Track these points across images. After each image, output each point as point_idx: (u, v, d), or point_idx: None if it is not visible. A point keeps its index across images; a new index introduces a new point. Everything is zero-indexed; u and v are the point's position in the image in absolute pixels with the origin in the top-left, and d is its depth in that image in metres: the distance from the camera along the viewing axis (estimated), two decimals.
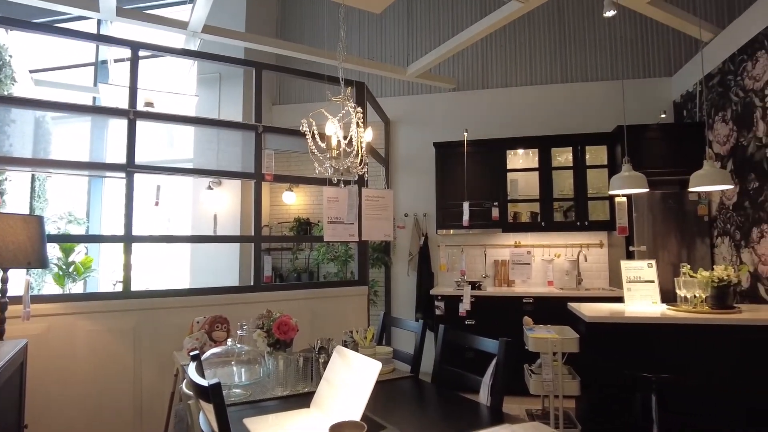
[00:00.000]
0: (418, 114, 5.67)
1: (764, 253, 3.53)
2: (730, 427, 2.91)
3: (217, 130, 5.40)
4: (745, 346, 2.90)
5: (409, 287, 5.48)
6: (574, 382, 3.16)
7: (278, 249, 5.87)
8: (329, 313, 3.85)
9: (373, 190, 3.19)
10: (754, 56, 3.66)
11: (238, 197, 5.43)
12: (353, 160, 2.18)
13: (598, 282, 5.11)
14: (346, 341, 2.50)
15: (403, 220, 5.55)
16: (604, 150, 4.91)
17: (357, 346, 2.32)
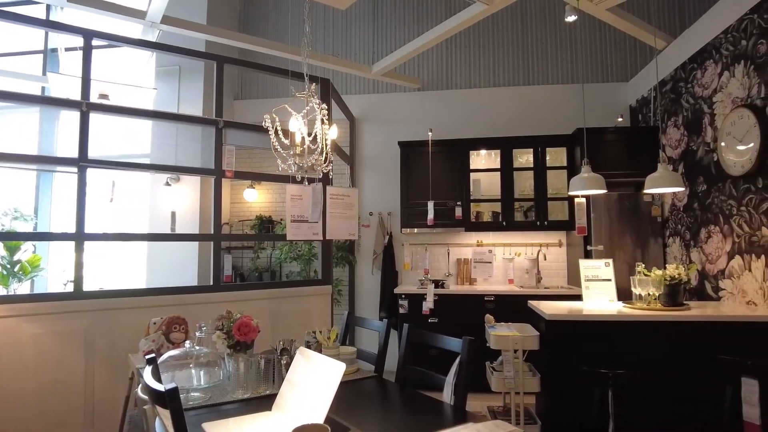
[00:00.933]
0: (383, 112, 5.67)
1: (711, 253, 3.71)
2: (681, 420, 3.03)
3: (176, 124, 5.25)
4: (694, 341, 3.03)
5: (374, 286, 5.47)
6: (534, 378, 3.22)
7: (239, 248, 5.75)
8: (292, 313, 3.79)
9: (337, 188, 3.15)
10: (703, 65, 3.83)
11: (197, 194, 5.28)
12: (317, 157, 2.15)
13: (557, 280, 5.24)
14: (309, 342, 2.46)
15: (367, 218, 5.54)
16: (564, 152, 5.04)
17: (320, 346, 2.29)
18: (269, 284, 3.98)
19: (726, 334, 3.00)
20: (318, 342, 2.31)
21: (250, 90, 6.10)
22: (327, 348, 2.21)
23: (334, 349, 2.21)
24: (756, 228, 3.18)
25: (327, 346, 2.22)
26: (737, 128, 3.29)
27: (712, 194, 3.67)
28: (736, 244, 3.39)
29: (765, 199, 3.09)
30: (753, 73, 3.23)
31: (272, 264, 5.59)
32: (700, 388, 3.02)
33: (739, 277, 3.37)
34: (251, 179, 5.33)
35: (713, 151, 3.65)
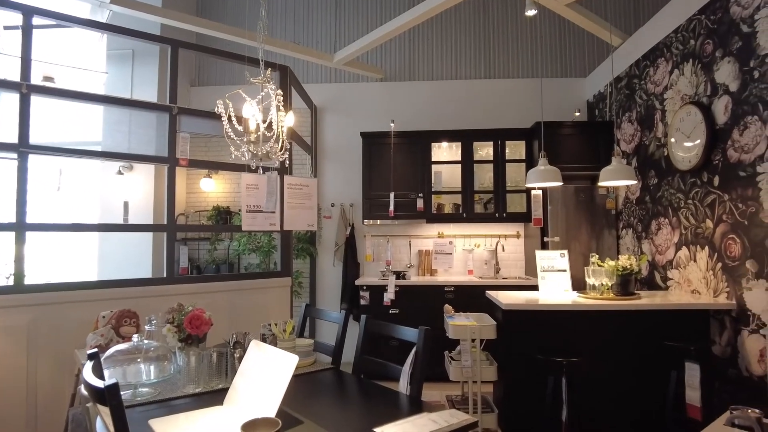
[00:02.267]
0: (346, 102, 5.60)
1: (660, 244, 3.85)
2: (629, 404, 3.15)
3: (129, 111, 5.02)
4: (644, 329, 3.15)
5: (335, 278, 5.43)
6: (491, 367, 3.27)
7: (195, 239, 5.58)
8: (250, 305, 3.71)
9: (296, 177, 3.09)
10: (656, 62, 3.95)
11: (151, 184, 5.09)
12: (273, 145, 2.09)
13: (515, 271, 5.35)
14: (264, 335, 2.41)
15: (329, 210, 5.48)
16: (523, 145, 5.12)
17: (276, 339, 2.25)
18: (226, 276, 3.88)
19: (672, 322, 3.13)
20: (274, 335, 2.27)
21: (207, 76, 5.91)
22: (283, 341, 2.17)
23: (290, 341, 2.18)
24: (701, 220, 3.32)
25: (283, 338, 2.18)
26: (685, 124, 3.41)
27: (663, 188, 3.81)
28: (683, 235, 3.53)
29: (709, 193, 3.22)
30: (700, 71, 3.35)
31: (230, 256, 5.46)
32: (648, 374, 3.14)
33: (685, 267, 3.51)
34: (207, 168, 5.17)
35: (664, 146, 3.78)
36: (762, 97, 2.77)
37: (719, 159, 3.13)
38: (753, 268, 2.83)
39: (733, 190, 3.00)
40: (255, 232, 4.96)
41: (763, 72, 2.77)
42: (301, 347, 2.30)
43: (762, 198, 2.76)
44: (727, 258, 3.05)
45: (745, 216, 2.90)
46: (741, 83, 2.95)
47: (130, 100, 3.83)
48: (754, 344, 2.83)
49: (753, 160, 2.83)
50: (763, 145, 2.76)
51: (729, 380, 3.02)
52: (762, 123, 2.77)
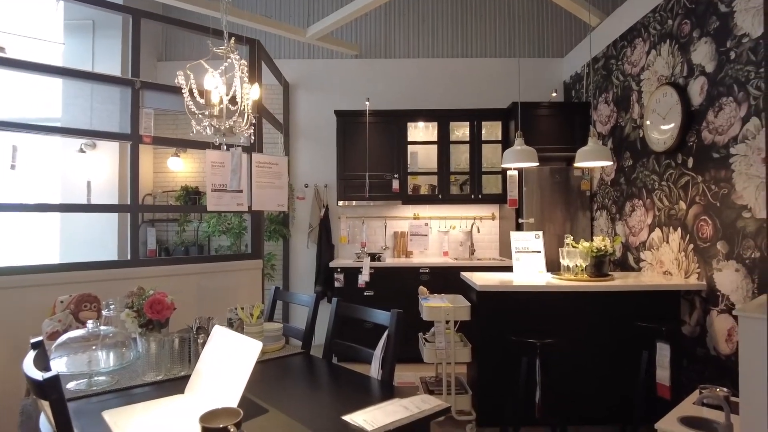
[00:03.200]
0: (319, 79, 5.44)
1: (634, 226, 3.87)
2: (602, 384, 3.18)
3: (90, 85, 4.77)
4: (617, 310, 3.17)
5: (309, 260, 5.33)
6: (465, 349, 3.25)
7: (163, 220, 5.40)
8: (220, 288, 3.60)
9: (264, 155, 2.95)
10: (633, 43, 3.91)
11: (115, 162, 4.87)
12: (237, 119, 1.96)
13: (490, 252, 5.34)
14: (231, 319, 2.31)
15: (303, 191, 5.35)
16: (499, 126, 5.06)
17: (243, 324, 2.15)
18: (195, 259, 3.74)
19: (644, 303, 3.15)
20: (240, 319, 2.17)
21: (175, 51, 5.65)
22: (250, 325, 2.08)
23: (258, 326, 2.09)
24: (675, 202, 3.32)
25: (250, 323, 2.09)
26: (661, 105, 3.40)
27: (638, 169, 3.81)
28: (656, 217, 3.55)
29: (684, 175, 3.23)
30: (677, 52, 3.32)
31: (200, 238, 5.30)
32: (621, 354, 3.17)
33: (658, 248, 3.53)
34: (173, 146, 4.95)
35: (639, 128, 3.77)
36: (737, 78, 2.75)
37: (694, 140, 3.12)
38: (723, 249, 2.85)
39: (707, 171, 3.00)
40: (225, 213, 4.81)
41: (739, 53, 2.75)
42: (269, 331, 2.21)
43: (734, 179, 2.77)
44: (699, 239, 3.07)
45: (717, 197, 2.91)
46: (717, 64, 2.93)
47: (88, 72, 3.60)
48: (722, 324, 2.86)
49: (727, 141, 2.83)
50: (737, 127, 2.75)
51: (697, 359, 3.07)
52: (737, 104, 2.76)
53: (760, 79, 2.59)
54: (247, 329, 2.07)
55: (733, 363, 2.77)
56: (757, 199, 2.61)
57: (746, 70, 2.69)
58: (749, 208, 2.66)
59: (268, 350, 2.18)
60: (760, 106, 2.58)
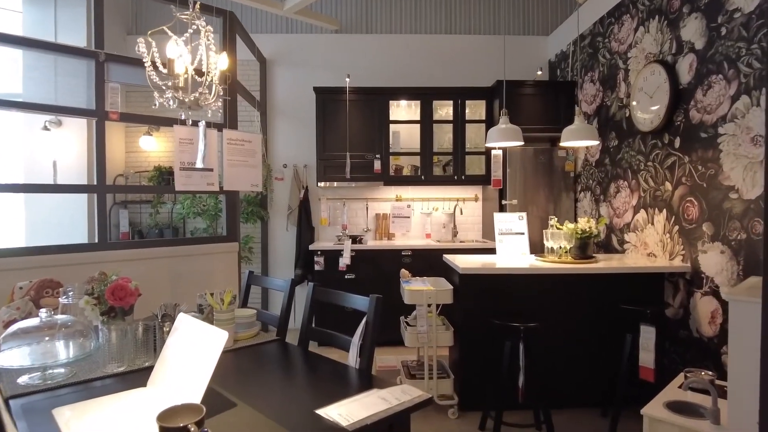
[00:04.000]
0: (298, 55, 5.23)
1: (618, 207, 3.82)
2: (585, 367, 3.14)
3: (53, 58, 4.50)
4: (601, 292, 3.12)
5: (288, 242, 5.20)
6: (447, 332, 3.18)
7: (137, 201, 5.20)
8: (195, 272, 3.46)
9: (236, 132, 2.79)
10: (620, 19, 3.81)
11: (84, 141, 4.63)
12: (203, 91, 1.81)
13: (472, 234, 5.27)
14: (201, 305, 2.19)
15: (281, 171, 5.18)
16: (483, 105, 4.95)
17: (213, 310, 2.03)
18: (167, 242, 3.57)
19: (629, 285, 3.10)
20: (211, 306, 2.04)
21: (146, 24, 5.37)
22: (220, 312, 1.95)
23: (229, 313, 1.96)
24: (660, 183, 3.27)
25: (220, 309, 1.97)
26: (649, 84, 3.31)
27: (623, 150, 3.74)
28: (641, 198, 3.49)
29: (670, 155, 3.16)
30: (666, 28, 3.23)
31: (174, 220, 5.12)
32: (605, 337, 3.13)
33: (642, 230, 3.49)
34: (139, 122, 4.71)
35: (626, 107, 3.69)
36: (728, 55, 2.67)
37: (681, 120, 3.06)
38: (709, 230, 2.81)
39: (694, 152, 2.94)
40: (198, 194, 4.63)
41: (730, 28, 2.66)
42: (241, 318, 2.10)
43: (722, 160, 2.71)
44: (685, 221, 3.02)
45: (704, 178, 2.85)
46: (707, 40, 2.84)
47: (48, 43, 3.36)
48: (706, 306, 2.83)
49: (715, 121, 2.76)
50: (726, 106, 2.68)
51: (679, 341, 3.05)
52: (726, 82, 2.68)
53: (751, 56, 2.52)
54: (218, 316, 1.95)
55: (716, 345, 2.75)
56: (744, 179, 2.55)
57: (737, 46, 2.61)
58: (736, 189, 2.61)
59: (240, 338, 2.06)
60: (751, 83, 2.51)
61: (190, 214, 4.77)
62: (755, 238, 2.48)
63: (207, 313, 2.17)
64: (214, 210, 4.69)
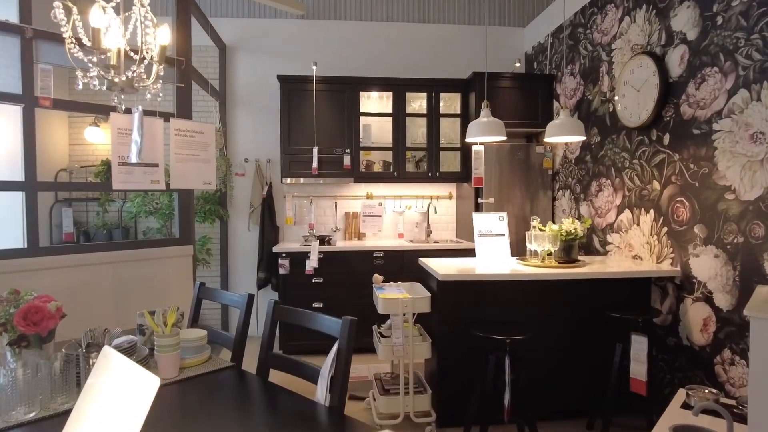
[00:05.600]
0: (261, 41, 4.85)
1: (600, 206, 3.64)
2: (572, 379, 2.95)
3: None
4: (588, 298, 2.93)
5: (251, 244, 4.84)
6: (425, 344, 2.93)
7: (82, 199, 4.72)
8: (144, 280, 3.09)
9: (186, 122, 2.44)
10: (604, 9, 3.63)
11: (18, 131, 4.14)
12: (138, 69, 1.48)
13: (446, 234, 5.04)
14: (142, 326, 1.85)
15: (242, 166, 4.81)
16: (458, 98, 4.71)
17: (153, 334, 1.70)
18: (111, 245, 3.16)
19: (614, 289, 2.93)
20: (150, 329, 1.72)
21: None
22: (162, 336, 1.63)
23: (172, 337, 1.64)
24: (647, 181, 3.10)
25: (162, 333, 1.64)
26: (635, 77, 3.13)
27: (606, 146, 3.57)
28: (626, 197, 3.32)
29: (658, 152, 2.99)
30: (655, 18, 3.05)
31: (125, 219, 4.68)
32: (593, 347, 2.95)
33: (627, 231, 3.32)
34: (76, 110, 4.23)
35: (609, 101, 3.51)
36: (725, 47, 2.50)
37: (671, 115, 2.88)
38: (702, 233, 2.64)
39: (685, 149, 2.77)
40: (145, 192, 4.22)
41: (727, 17, 2.49)
42: (189, 341, 1.77)
43: (717, 158, 2.54)
44: (674, 222, 2.86)
45: (696, 177, 2.69)
46: (701, 31, 2.66)
47: None
48: (697, 313, 2.67)
49: (709, 116, 2.59)
50: (722, 100, 2.51)
51: (667, 349, 2.89)
52: (722, 75, 2.51)
53: (751, 46, 2.34)
54: (159, 341, 1.62)
55: (709, 354, 2.59)
56: (742, 179, 2.38)
57: (735, 36, 2.44)
58: (733, 189, 2.44)
59: (187, 365, 1.74)
60: (751, 76, 2.34)
61: (141, 213, 4.35)
62: (754, 242, 2.32)
63: (149, 335, 1.84)
64: (168, 208, 4.28)
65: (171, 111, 3.05)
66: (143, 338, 1.86)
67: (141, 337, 1.86)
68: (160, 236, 4.42)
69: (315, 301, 4.19)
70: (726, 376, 2.48)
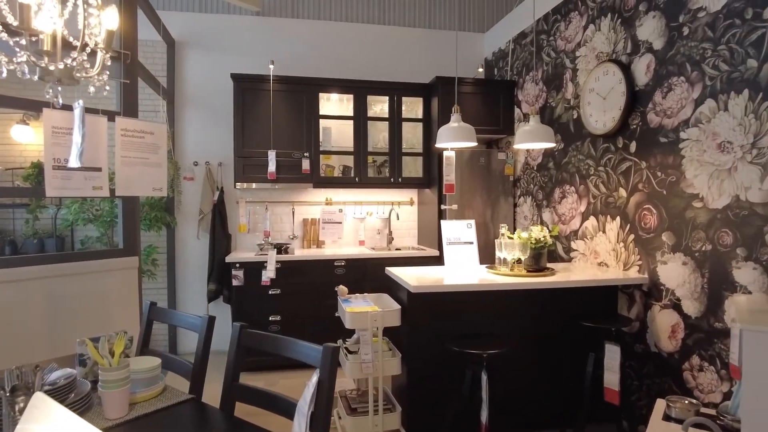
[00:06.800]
0: (213, 38, 4.57)
1: (564, 213, 3.64)
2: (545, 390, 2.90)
3: None
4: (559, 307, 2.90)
5: (200, 253, 4.52)
6: (395, 359, 2.78)
7: (8, 205, 4.26)
8: (82, 297, 2.75)
9: (134, 121, 2.18)
10: (568, 17, 3.64)
11: None
12: (79, 56, 1.25)
13: (408, 240, 4.94)
14: (83, 357, 1.60)
15: (191, 170, 4.50)
16: (420, 103, 4.62)
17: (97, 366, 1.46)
18: (43, 258, 2.79)
19: (583, 297, 2.91)
20: (94, 361, 1.48)
21: None
22: (108, 370, 1.39)
23: (121, 369, 1.41)
24: (613, 189, 3.10)
25: (108, 366, 1.40)
26: (602, 84, 3.14)
27: (570, 153, 3.57)
28: (591, 204, 3.33)
29: (625, 160, 3.00)
30: (620, 27, 3.07)
31: (59, 227, 4.25)
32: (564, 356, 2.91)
33: (592, 238, 3.32)
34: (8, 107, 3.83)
35: (574, 108, 3.52)
36: (691, 57, 2.52)
37: (638, 123, 2.89)
38: (670, 240, 2.66)
39: (652, 157, 2.78)
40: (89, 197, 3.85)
41: (694, 28, 2.51)
42: (140, 373, 1.54)
43: (684, 166, 2.56)
44: (642, 229, 2.87)
45: (664, 185, 2.70)
46: (667, 41, 2.69)
47: None
48: (665, 319, 2.68)
49: (676, 125, 2.61)
50: (689, 110, 2.53)
51: (635, 356, 2.89)
52: (689, 85, 2.53)
53: (718, 57, 2.37)
54: (105, 376, 1.39)
55: (677, 361, 2.60)
56: (710, 187, 2.40)
57: (702, 47, 2.46)
58: (701, 197, 2.46)
59: (138, 400, 1.51)
60: (718, 87, 2.36)
61: (79, 220, 3.95)
62: (722, 250, 2.34)
63: (90, 366, 1.59)
64: (109, 216, 3.92)
65: (114, 110, 2.76)
66: (84, 370, 1.61)
67: (81, 369, 1.61)
68: (100, 246, 4.04)
69: (272, 314, 3.96)
70: (695, 383, 2.49)
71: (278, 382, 3.75)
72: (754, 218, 2.17)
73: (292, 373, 3.87)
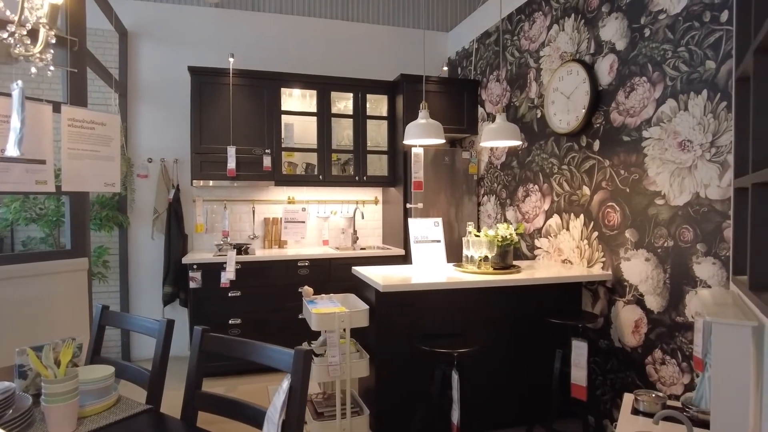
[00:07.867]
0: (169, 29, 4.36)
1: (528, 212, 3.67)
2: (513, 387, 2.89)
3: None
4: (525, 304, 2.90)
5: (155, 254, 4.30)
6: (363, 361, 2.71)
7: None
8: (25, 302, 2.53)
9: (83, 110, 2.02)
10: (532, 17, 3.67)
11: None
12: (18, 31, 1.12)
13: (373, 240, 4.88)
14: (23, 368, 1.45)
15: (145, 166, 4.28)
16: (385, 100, 4.57)
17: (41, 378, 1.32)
18: None
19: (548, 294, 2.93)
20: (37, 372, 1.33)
21: None
22: (53, 382, 1.26)
23: (68, 381, 1.27)
24: (577, 187, 3.15)
25: (53, 378, 1.27)
26: (566, 84, 3.18)
27: (533, 152, 3.60)
28: (555, 203, 3.36)
29: (588, 158, 3.05)
30: (583, 27, 3.11)
31: None
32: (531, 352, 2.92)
33: (556, 236, 3.36)
34: None
35: (537, 108, 3.55)
36: (653, 57, 2.58)
37: (601, 122, 2.94)
38: (633, 237, 2.71)
39: (615, 155, 2.83)
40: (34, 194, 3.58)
41: (655, 30, 2.57)
42: (90, 383, 1.41)
43: (647, 164, 2.61)
44: (605, 227, 2.91)
45: (627, 183, 2.75)
46: (629, 41, 2.74)
47: None
48: (629, 315, 2.73)
49: (639, 124, 2.66)
50: (651, 109, 2.59)
51: (599, 351, 2.94)
52: (651, 85, 2.59)
53: (678, 58, 2.43)
54: (49, 389, 1.25)
55: (640, 355, 2.65)
56: (672, 185, 2.46)
57: (663, 48, 2.52)
58: (663, 194, 2.51)
59: (88, 414, 1.38)
60: (678, 87, 2.42)
61: (21, 220, 3.67)
62: (683, 246, 2.39)
63: (32, 378, 1.44)
64: (55, 215, 3.66)
65: (60, 101, 2.56)
66: (24, 383, 1.45)
67: (21, 381, 1.45)
68: (45, 248, 3.77)
69: (232, 317, 3.81)
70: (657, 376, 2.55)
71: (237, 388, 3.61)
72: (713, 215, 2.23)
73: (251, 378, 3.74)
